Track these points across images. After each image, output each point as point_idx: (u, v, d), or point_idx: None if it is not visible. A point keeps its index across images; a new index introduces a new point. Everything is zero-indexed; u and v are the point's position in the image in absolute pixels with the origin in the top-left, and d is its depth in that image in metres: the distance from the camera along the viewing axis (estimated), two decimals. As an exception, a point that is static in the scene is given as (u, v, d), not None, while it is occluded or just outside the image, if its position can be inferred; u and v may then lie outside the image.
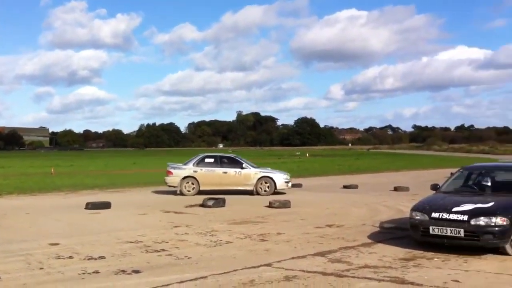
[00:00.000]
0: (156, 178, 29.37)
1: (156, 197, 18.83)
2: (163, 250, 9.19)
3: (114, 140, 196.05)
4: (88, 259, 8.45)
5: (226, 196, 16.56)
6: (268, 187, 19.63)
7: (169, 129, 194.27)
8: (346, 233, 11.09)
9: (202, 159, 20.07)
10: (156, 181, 26.67)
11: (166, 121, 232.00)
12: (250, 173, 19.72)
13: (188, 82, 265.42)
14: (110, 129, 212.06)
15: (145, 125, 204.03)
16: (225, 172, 19.62)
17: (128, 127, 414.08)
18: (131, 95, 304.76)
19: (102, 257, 8.57)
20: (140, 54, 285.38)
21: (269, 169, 21.24)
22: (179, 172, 19.67)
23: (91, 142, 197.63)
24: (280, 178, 19.93)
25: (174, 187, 19.60)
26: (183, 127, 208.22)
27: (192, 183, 19.45)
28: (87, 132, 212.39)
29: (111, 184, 24.66)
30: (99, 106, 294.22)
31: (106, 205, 15.11)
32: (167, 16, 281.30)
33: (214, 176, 19.56)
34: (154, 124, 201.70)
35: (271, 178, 19.75)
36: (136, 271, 7.63)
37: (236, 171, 19.65)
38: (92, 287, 6.86)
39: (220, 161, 20.13)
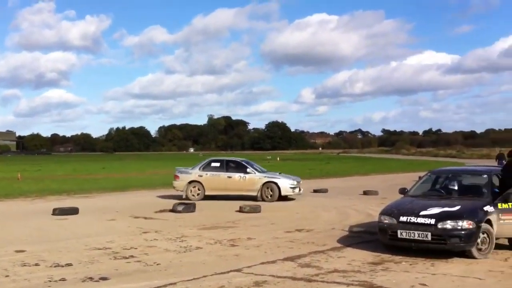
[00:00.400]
0: (125, 183, 29.08)
1: (125, 203, 18.60)
2: (132, 256, 9.08)
3: (83, 144, 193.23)
4: (55, 267, 8.30)
5: (198, 202, 16.49)
6: (271, 193, 18.73)
7: (139, 133, 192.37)
8: (316, 237, 11.14)
9: (209, 163, 19.52)
10: (125, 186, 26.40)
11: (136, 124, 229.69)
12: (254, 178, 18.94)
13: (158, 85, 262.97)
14: (79, 133, 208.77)
15: (114, 128, 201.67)
16: (230, 177, 18.96)
17: (97, 131, 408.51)
18: (100, 98, 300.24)
19: (69, 264, 8.43)
20: (110, 57, 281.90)
21: (278, 173, 20.29)
22: (185, 177, 19.20)
23: (59, 146, 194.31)
24: (286, 184, 18.86)
25: (181, 191, 19.17)
26: (153, 131, 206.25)
27: (198, 188, 18.97)
28: (55, 136, 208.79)
29: (79, 189, 24.30)
30: (67, 109, 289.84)
31: (74, 211, 14.88)
32: (137, 18, 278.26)
33: (219, 180, 18.98)
34: (124, 127, 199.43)
35: (276, 184, 18.78)
36: (104, 278, 7.52)
37: (240, 176, 18.93)
38: (59, 295, 6.75)
39: (226, 166, 19.40)
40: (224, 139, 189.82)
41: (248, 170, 19.22)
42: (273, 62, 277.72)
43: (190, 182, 19.07)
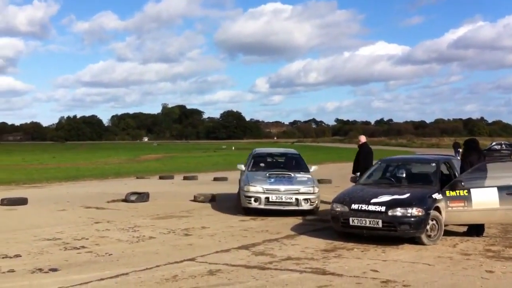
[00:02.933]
0: (76, 173, 28.53)
1: (77, 193, 18.22)
2: (83, 247, 8.92)
3: (33, 133, 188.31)
4: (3, 258, 8.07)
5: (151, 190, 16.29)
6: None
7: (91, 122, 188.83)
8: (270, 225, 11.21)
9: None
10: (77, 176, 25.91)
11: (87, 113, 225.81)
12: None
13: (110, 73, 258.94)
14: (28, 122, 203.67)
15: (65, 117, 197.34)
16: None
17: (47, 119, 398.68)
18: (50, 86, 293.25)
19: (18, 255, 8.21)
20: (59, 43, 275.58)
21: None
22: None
23: (7, 135, 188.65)
24: None
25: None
26: (106, 120, 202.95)
27: None
28: (3, 124, 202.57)
29: (29, 179, 23.70)
30: (15, 97, 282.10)
31: (22, 201, 14.49)
32: (87, 3, 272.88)
33: None
34: (75, 116, 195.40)
35: None
36: (54, 269, 7.36)
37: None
38: (7, 287, 6.56)
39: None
40: (179, 128, 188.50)
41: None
42: (227, 51, 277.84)
43: None
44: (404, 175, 10.80)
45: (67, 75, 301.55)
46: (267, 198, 12.35)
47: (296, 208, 12.35)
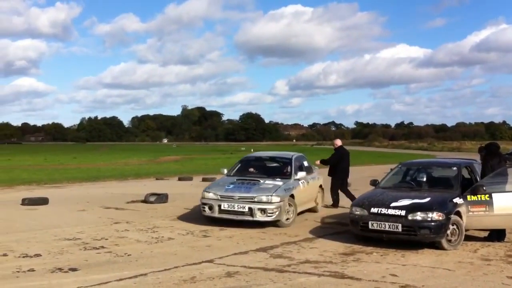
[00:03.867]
0: (97, 173, 28.76)
1: (97, 193, 18.38)
2: (102, 247, 8.98)
3: (54, 133, 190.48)
4: (24, 257, 8.16)
5: (169, 191, 16.34)
6: None
7: (112, 123, 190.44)
8: (288, 228, 11.17)
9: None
10: (97, 176, 26.11)
11: (108, 114, 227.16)
12: None
13: (130, 75, 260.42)
14: (50, 122, 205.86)
15: (86, 118, 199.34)
16: None
17: (69, 120, 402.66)
18: (71, 88, 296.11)
19: (38, 255, 8.29)
20: (80, 45, 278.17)
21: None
22: None
23: (29, 135, 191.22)
24: None
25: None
26: (126, 121, 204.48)
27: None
28: (25, 125, 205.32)
29: (50, 179, 23.95)
30: (37, 98, 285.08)
31: (43, 201, 14.64)
32: (109, 6, 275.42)
33: None
34: (96, 117, 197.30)
35: None
36: (73, 269, 7.42)
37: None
38: (27, 286, 6.63)
39: None
40: (198, 130, 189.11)
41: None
42: (247, 53, 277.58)
43: None
44: (424, 179, 10.68)
45: (89, 76, 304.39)
46: (219, 206, 11.16)
47: (250, 218, 10.96)
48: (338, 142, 15.34)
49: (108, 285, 6.68)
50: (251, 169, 12.92)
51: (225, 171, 13.08)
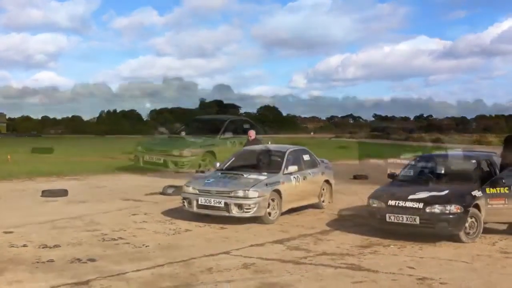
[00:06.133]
0: (116, 165, 28.94)
1: (115, 185, 18.51)
2: (121, 238, 9.08)
3: (73, 126, 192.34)
4: (43, 248, 8.29)
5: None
6: None
7: (130, 116, 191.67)
8: (305, 220, 11.17)
9: None
10: (115, 167, 26.29)
11: (127, 107, 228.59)
12: None
13: (149, 68, 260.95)
14: (69, 116, 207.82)
15: (105, 111, 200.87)
16: None
17: (88, 113, 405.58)
18: (90, 81, 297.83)
19: (57, 246, 8.41)
20: (98, 39, 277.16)
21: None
22: None
23: (49, 128, 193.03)
24: None
25: None
26: (144, 114, 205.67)
27: None
28: (45, 118, 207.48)
29: (70, 171, 24.12)
30: (57, 92, 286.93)
31: (63, 193, 14.80)
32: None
33: None
34: (114, 110, 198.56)
35: None
36: (92, 260, 7.52)
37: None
38: (46, 277, 6.73)
39: None
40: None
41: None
42: (264, 46, 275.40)
43: None
44: (443, 171, 10.58)
45: (107, 70, 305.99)
46: (197, 201, 10.82)
47: (227, 214, 10.51)
48: (252, 134, 15.84)
49: (126, 275, 6.76)
50: (243, 163, 12.44)
51: (218, 164, 12.85)
